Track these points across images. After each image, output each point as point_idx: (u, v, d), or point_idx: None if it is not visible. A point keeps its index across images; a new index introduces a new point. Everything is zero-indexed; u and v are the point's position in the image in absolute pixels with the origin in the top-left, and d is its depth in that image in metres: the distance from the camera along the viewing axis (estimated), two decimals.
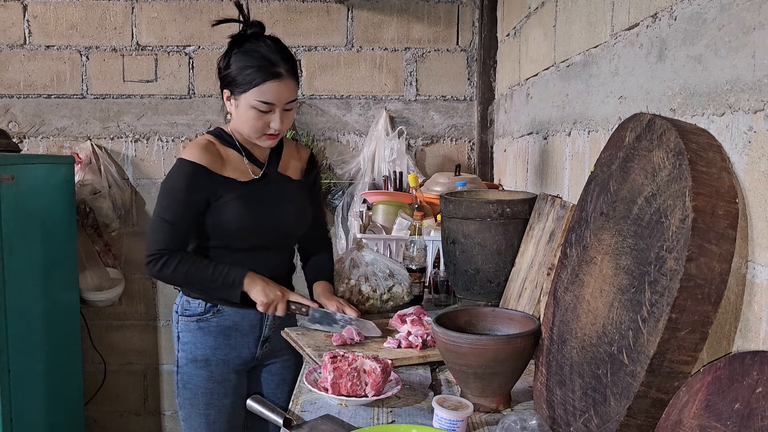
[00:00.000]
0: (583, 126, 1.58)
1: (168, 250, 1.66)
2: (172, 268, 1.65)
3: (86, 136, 2.99)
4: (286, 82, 1.64)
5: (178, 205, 1.65)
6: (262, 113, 1.64)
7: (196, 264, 1.66)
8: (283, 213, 1.76)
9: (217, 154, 1.71)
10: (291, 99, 1.67)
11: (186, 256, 1.67)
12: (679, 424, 0.82)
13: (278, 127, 1.66)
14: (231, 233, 1.69)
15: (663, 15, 1.14)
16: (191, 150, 1.68)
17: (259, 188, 1.73)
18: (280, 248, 1.81)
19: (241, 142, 1.75)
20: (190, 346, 1.76)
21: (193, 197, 1.65)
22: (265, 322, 1.78)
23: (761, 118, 0.85)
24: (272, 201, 1.74)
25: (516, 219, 1.70)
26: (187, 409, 1.77)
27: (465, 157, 3.04)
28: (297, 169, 1.86)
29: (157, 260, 1.65)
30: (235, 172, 1.72)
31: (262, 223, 1.72)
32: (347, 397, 1.28)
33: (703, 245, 0.83)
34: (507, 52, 2.63)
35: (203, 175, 1.65)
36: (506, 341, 1.20)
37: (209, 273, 1.66)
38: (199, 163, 1.65)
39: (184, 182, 1.65)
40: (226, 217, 1.67)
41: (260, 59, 1.62)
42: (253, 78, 1.61)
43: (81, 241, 2.83)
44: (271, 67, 1.62)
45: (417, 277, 2.01)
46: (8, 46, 2.94)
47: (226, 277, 1.66)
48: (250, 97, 1.63)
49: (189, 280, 1.68)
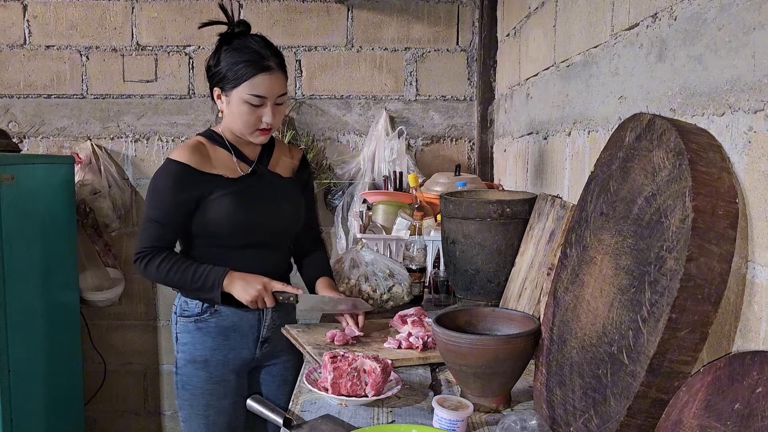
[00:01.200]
0: (583, 126, 1.58)
1: (154, 248, 1.67)
2: (155, 267, 1.66)
3: (86, 136, 2.99)
4: (277, 75, 1.67)
5: (164, 205, 1.67)
6: (254, 107, 1.65)
7: (178, 264, 1.67)
8: (275, 209, 1.76)
9: (206, 154, 1.72)
10: (282, 93, 1.69)
11: (170, 256, 1.67)
12: (679, 424, 0.82)
13: (270, 121, 1.67)
14: (221, 231, 1.69)
15: (663, 15, 1.14)
16: (179, 150, 1.69)
17: (250, 185, 1.73)
18: (275, 246, 1.81)
19: (231, 142, 1.75)
20: (189, 346, 1.75)
21: (181, 197, 1.66)
22: (263, 323, 1.78)
23: (761, 118, 0.85)
24: (263, 197, 1.74)
25: (516, 219, 1.71)
26: (186, 410, 1.77)
27: (465, 157, 3.04)
28: (288, 167, 1.86)
29: (142, 258, 1.67)
30: (225, 169, 1.72)
31: (254, 219, 1.71)
32: (347, 397, 1.28)
33: (703, 245, 0.83)
34: (507, 52, 2.63)
35: (190, 175, 1.66)
36: (506, 341, 1.20)
37: (189, 274, 1.66)
38: (185, 162, 1.66)
39: (171, 182, 1.66)
40: (216, 214, 1.67)
41: (250, 53, 1.65)
42: (245, 72, 1.63)
43: (81, 241, 2.83)
44: (262, 60, 1.64)
45: (417, 277, 2.01)
46: (8, 46, 2.94)
47: (205, 279, 1.66)
48: (242, 92, 1.64)
49: (171, 280, 1.69)
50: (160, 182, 1.68)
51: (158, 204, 1.67)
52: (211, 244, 1.72)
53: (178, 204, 1.66)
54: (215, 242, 1.71)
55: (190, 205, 1.67)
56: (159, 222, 1.67)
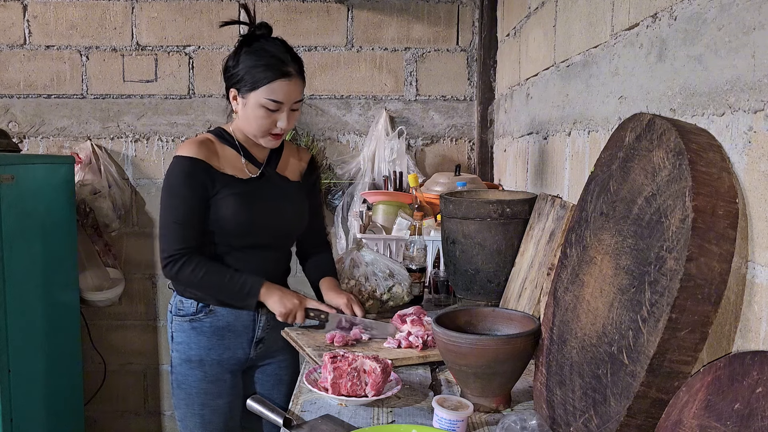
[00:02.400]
0: (583, 126, 1.58)
1: (186, 249, 1.65)
2: (190, 269, 1.64)
3: (86, 136, 2.99)
4: (295, 82, 1.66)
5: (182, 202, 1.65)
6: (270, 112, 1.65)
7: (213, 268, 1.66)
8: (280, 212, 1.76)
9: (214, 151, 1.71)
10: (298, 99, 1.69)
11: (204, 260, 1.67)
12: (679, 424, 0.82)
13: (284, 127, 1.67)
14: (225, 230, 1.69)
15: (663, 15, 1.14)
16: (186, 146, 1.68)
17: (257, 187, 1.73)
18: (276, 249, 1.81)
19: (241, 142, 1.75)
20: (184, 346, 1.75)
21: (195, 191, 1.65)
22: (258, 323, 1.77)
23: (761, 118, 0.85)
24: (269, 200, 1.74)
25: (516, 219, 1.70)
26: (182, 410, 1.77)
27: (465, 157, 3.04)
28: (296, 170, 1.86)
29: (176, 261, 1.64)
30: (233, 169, 1.72)
31: (259, 221, 1.71)
32: (347, 397, 1.28)
33: (703, 245, 0.83)
34: (507, 52, 2.63)
35: (200, 168, 1.65)
36: (506, 341, 1.20)
37: (225, 279, 1.66)
38: (193, 156, 1.65)
39: (183, 178, 1.65)
40: (221, 213, 1.67)
41: (270, 58, 1.64)
42: (263, 76, 1.62)
43: (81, 241, 2.83)
44: (282, 65, 1.64)
45: (417, 277, 2.01)
46: (8, 46, 2.94)
47: (242, 285, 1.66)
48: (259, 95, 1.63)
49: (205, 284, 1.68)
50: (172, 180, 1.67)
51: (175, 203, 1.65)
52: (212, 242, 1.71)
53: (193, 199, 1.65)
54: (217, 241, 1.71)
55: (204, 200, 1.66)
56: (180, 222, 1.65)
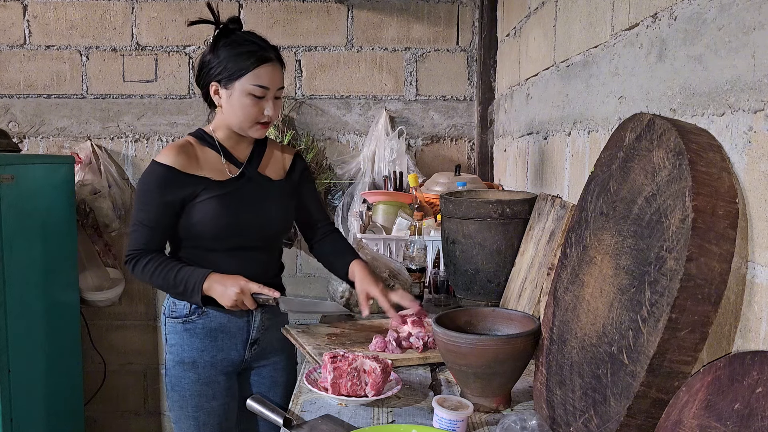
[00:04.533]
0: (583, 126, 1.58)
1: (143, 250, 1.67)
2: (141, 268, 1.66)
3: (86, 136, 2.99)
4: (278, 67, 1.68)
5: (150, 207, 1.66)
6: (256, 99, 1.65)
7: (162, 266, 1.65)
8: (262, 212, 1.74)
9: (194, 155, 1.70)
10: (281, 86, 1.70)
11: (156, 258, 1.66)
12: (679, 424, 0.82)
13: (272, 114, 1.67)
14: (206, 233, 1.67)
15: (663, 15, 1.14)
16: (164, 152, 1.68)
17: (237, 187, 1.72)
18: (264, 249, 1.78)
19: (221, 142, 1.74)
20: (177, 348, 1.74)
21: (165, 199, 1.64)
22: (253, 324, 1.76)
23: (761, 118, 0.85)
24: (250, 200, 1.72)
25: (516, 219, 1.71)
26: (176, 412, 1.76)
27: (465, 157, 3.04)
28: (279, 169, 1.83)
29: (130, 261, 1.68)
30: (212, 171, 1.70)
31: (240, 222, 1.69)
32: (347, 397, 1.28)
33: (703, 245, 0.83)
34: (507, 52, 2.63)
35: (174, 177, 1.65)
36: (506, 341, 1.20)
37: (172, 277, 1.65)
38: (170, 165, 1.65)
39: (155, 184, 1.65)
40: (200, 217, 1.66)
41: (251, 44, 1.65)
42: (247, 62, 1.63)
43: (81, 241, 2.83)
44: (263, 51, 1.65)
45: (417, 277, 2.01)
46: (8, 46, 2.94)
47: (187, 282, 1.65)
48: (245, 83, 1.63)
49: (155, 283, 1.68)
50: (144, 185, 1.67)
51: (144, 207, 1.67)
52: (197, 246, 1.70)
53: (163, 206, 1.65)
54: (202, 245, 1.70)
55: (176, 207, 1.66)
56: (145, 225, 1.66)
